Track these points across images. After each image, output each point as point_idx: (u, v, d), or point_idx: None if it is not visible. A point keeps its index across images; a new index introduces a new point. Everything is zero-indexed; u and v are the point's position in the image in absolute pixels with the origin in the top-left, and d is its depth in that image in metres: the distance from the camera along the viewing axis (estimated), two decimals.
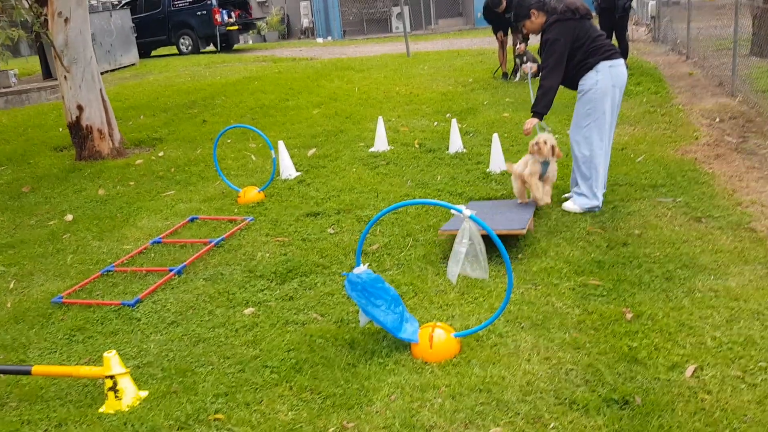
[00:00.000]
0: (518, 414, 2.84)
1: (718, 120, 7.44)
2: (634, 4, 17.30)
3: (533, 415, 2.83)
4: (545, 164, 4.86)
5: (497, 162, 6.27)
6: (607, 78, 4.80)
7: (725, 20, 11.56)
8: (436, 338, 3.27)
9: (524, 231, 4.36)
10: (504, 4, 10.15)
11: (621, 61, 4.90)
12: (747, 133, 6.80)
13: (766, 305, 3.50)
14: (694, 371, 3.01)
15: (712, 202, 4.98)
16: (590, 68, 4.81)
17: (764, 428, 2.62)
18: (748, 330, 3.29)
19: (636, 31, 16.34)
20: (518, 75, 11.07)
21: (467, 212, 3.14)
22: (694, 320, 3.43)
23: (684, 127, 7.22)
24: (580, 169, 4.99)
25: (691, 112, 7.93)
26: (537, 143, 4.83)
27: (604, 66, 4.80)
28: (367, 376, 3.19)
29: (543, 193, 4.91)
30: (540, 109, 4.91)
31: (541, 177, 4.89)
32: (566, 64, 4.85)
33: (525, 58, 10.61)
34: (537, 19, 5.02)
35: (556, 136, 6.77)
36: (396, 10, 24.95)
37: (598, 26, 5.12)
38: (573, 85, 4.98)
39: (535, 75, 5.17)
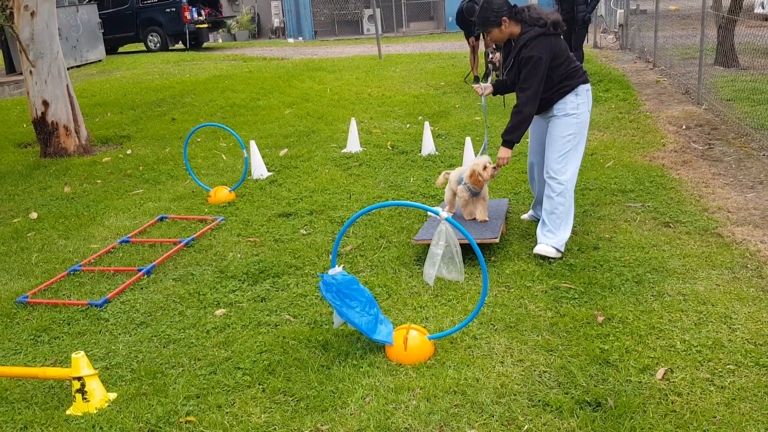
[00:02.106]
0: (492, 416, 2.85)
1: (684, 127, 7.59)
2: (602, 12, 17.61)
3: (507, 416, 2.84)
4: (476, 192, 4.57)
5: (469, 165, 6.29)
6: (585, 102, 4.36)
7: (691, 30, 11.83)
8: (410, 340, 3.27)
9: (497, 239, 4.36)
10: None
11: (590, 84, 4.51)
12: (712, 141, 6.95)
13: (733, 309, 3.57)
14: (664, 374, 3.05)
15: (679, 208, 5.07)
16: (569, 91, 4.31)
17: (733, 429, 2.67)
18: (716, 333, 3.36)
19: (604, 39, 16.59)
20: (489, 79, 11.16)
21: (444, 214, 3.15)
22: (663, 323, 3.48)
23: (651, 134, 7.35)
24: (552, 200, 4.38)
25: (658, 118, 8.07)
26: (475, 173, 4.51)
27: (583, 89, 4.35)
28: (342, 378, 3.17)
29: (478, 214, 4.66)
30: (516, 139, 4.37)
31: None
32: None
33: (498, 64, 10.69)
34: (507, 28, 4.34)
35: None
36: (368, 12, 24.95)
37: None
38: (542, 107, 4.40)
39: (495, 93, 4.76)
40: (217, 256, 4.80)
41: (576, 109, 4.33)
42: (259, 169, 6.71)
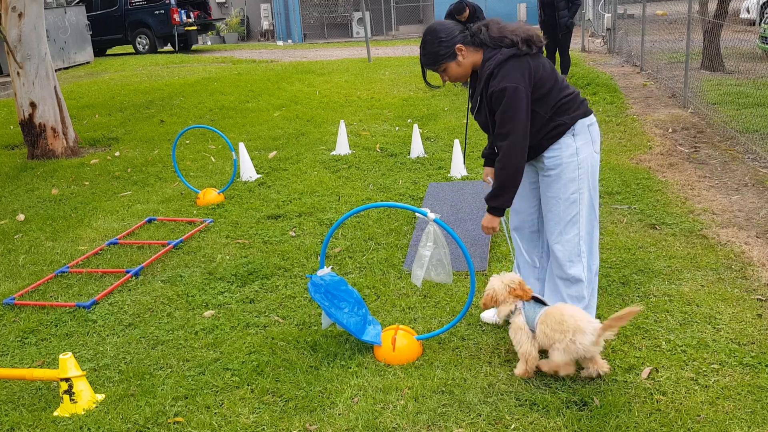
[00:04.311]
0: (480, 415, 2.87)
1: (670, 130, 7.66)
2: (590, 16, 17.72)
3: (495, 416, 2.86)
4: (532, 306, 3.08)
5: (458, 167, 6.34)
6: (588, 142, 3.16)
7: (677, 34, 11.93)
8: (398, 341, 3.28)
9: (484, 270, 4.27)
10: (467, 11, 10.24)
11: (594, 116, 3.25)
12: (698, 144, 7.02)
13: (718, 309, 3.61)
14: (649, 373, 3.09)
15: (665, 210, 5.12)
16: (564, 132, 3.10)
17: (717, 428, 2.71)
18: (700, 333, 3.40)
19: (592, 43, 16.71)
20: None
21: (432, 216, 3.17)
22: (649, 324, 3.52)
23: (638, 137, 7.41)
24: (568, 288, 3.28)
25: (645, 122, 8.14)
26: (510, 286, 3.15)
27: (582, 126, 3.14)
28: (330, 379, 3.18)
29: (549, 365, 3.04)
30: (506, 203, 3.16)
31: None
32: None
33: None
34: (467, 58, 3.13)
35: None
36: (357, 14, 24.99)
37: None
38: (529, 155, 3.14)
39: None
40: (206, 257, 4.80)
41: (575, 156, 3.12)
42: (248, 172, 6.71)
